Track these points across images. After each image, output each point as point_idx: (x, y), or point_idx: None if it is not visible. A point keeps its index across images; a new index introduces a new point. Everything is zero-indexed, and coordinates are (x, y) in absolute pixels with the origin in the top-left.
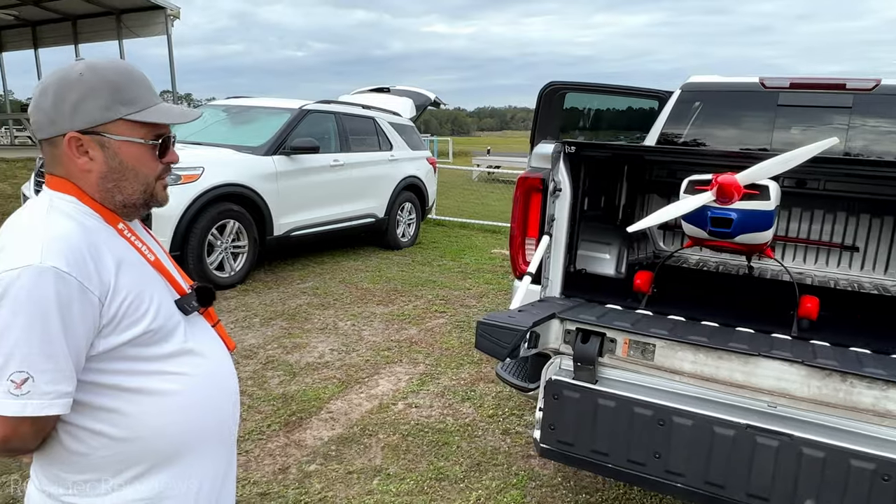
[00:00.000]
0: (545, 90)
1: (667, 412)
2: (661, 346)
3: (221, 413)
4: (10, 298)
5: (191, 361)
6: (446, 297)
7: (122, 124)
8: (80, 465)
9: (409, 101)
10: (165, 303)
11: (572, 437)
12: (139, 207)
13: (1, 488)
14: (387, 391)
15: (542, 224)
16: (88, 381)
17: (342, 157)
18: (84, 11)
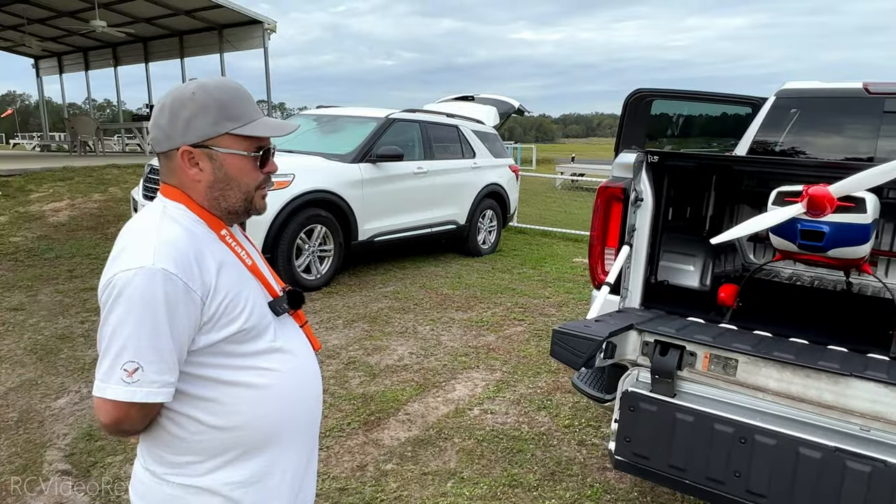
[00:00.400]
0: (631, 97)
1: (749, 430)
2: (745, 361)
3: (306, 407)
4: (125, 297)
5: (280, 358)
6: (525, 305)
7: (227, 138)
8: (180, 448)
9: (493, 110)
10: (259, 304)
11: (648, 451)
12: (241, 214)
13: (107, 468)
14: (463, 396)
15: (623, 234)
16: (189, 372)
17: (426, 165)
18: (189, 27)
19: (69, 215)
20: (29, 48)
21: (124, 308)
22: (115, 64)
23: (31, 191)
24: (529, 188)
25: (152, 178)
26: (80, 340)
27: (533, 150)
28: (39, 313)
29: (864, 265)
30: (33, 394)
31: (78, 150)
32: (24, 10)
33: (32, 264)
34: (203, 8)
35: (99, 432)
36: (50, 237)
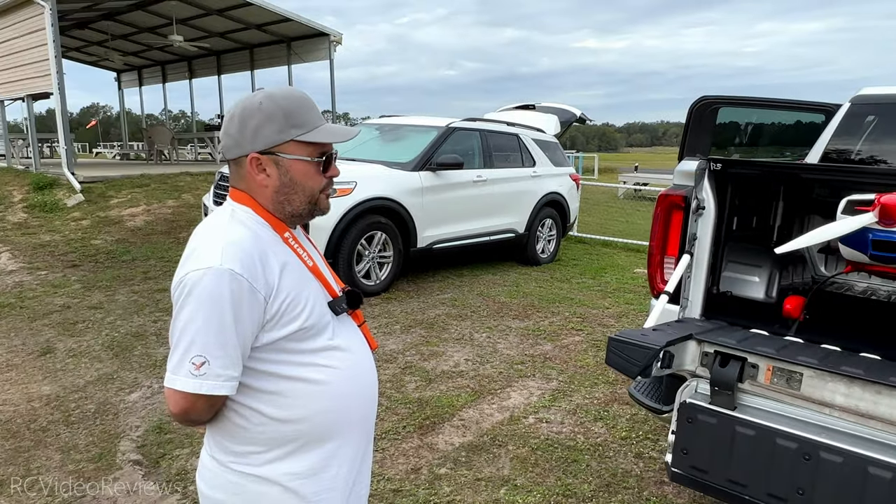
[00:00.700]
0: (696, 105)
1: (814, 446)
2: (810, 375)
3: (362, 403)
4: (195, 295)
5: (338, 356)
6: (584, 314)
7: (292, 145)
8: (243, 438)
9: (554, 118)
10: (318, 304)
11: (706, 464)
12: (304, 216)
13: (175, 460)
14: (518, 404)
15: (683, 243)
16: (252, 367)
17: (485, 173)
18: (260, 41)
19: (145, 220)
20: (112, 62)
21: (194, 306)
22: (190, 77)
23: (111, 197)
24: (591, 198)
25: (222, 185)
26: (153, 339)
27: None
28: (116, 312)
29: None
30: (109, 387)
31: (154, 158)
32: (108, 27)
33: (111, 266)
34: (273, 22)
35: (168, 425)
36: (127, 240)
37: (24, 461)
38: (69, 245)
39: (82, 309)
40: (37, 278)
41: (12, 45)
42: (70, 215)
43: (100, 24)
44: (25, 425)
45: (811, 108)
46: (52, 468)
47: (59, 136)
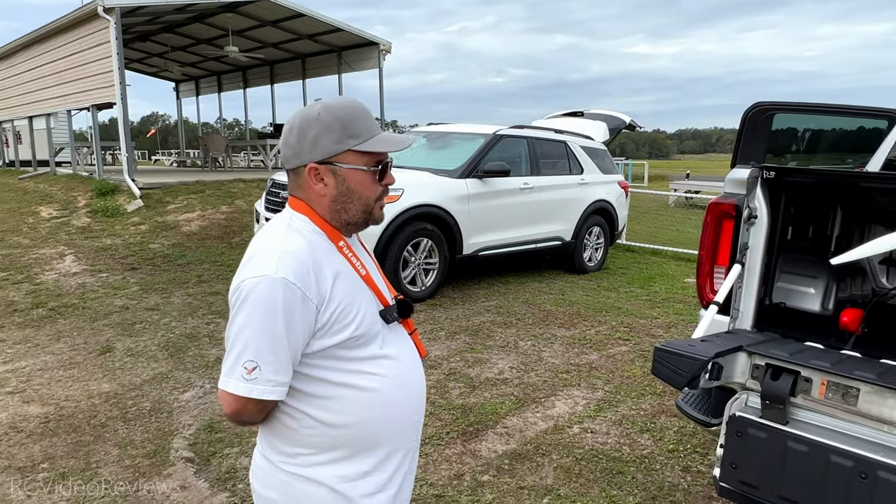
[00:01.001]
0: (750, 111)
1: (871, 465)
2: (867, 391)
3: (410, 411)
4: (250, 302)
5: (388, 364)
6: (631, 324)
7: (349, 154)
8: (293, 440)
9: (603, 125)
10: (370, 312)
11: (756, 480)
12: (360, 225)
13: (225, 458)
14: (563, 413)
15: (734, 252)
16: (304, 372)
17: (532, 181)
18: (311, 51)
19: (199, 225)
20: (171, 73)
21: (248, 312)
22: (245, 86)
23: (168, 202)
24: (640, 205)
25: (274, 192)
26: (206, 340)
27: (645, 167)
28: (171, 314)
29: None
30: (164, 386)
31: (209, 165)
32: (168, 39)
33: (167, 269)
34: (324, 32)
35: (219, 425)
36: (183, 245)
37: (84, 455)
38: (128, 248)
39: (140, 310)
40: (98, 280)
41: (79, 57)
42: (130, 220)
43: (160, 37)
44: (86, 421)
45: (873, 113)
46: (110, 462)
47: (120, 144)
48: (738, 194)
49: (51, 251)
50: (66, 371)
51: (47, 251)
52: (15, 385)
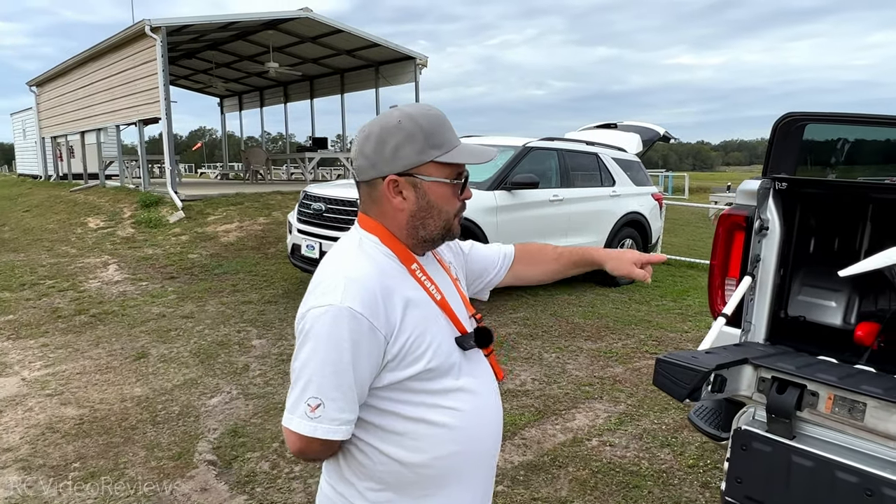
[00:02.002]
0: (780, 122)
1: (877, 481)
2: (874, 405)
3: (487, 446)
4: (314, 333)
5: (464, 397)
6: (660, 338)
7: (431, 166)
8: (362, 473)
9: (636, 137)
10: (445, 342)
11: (761, 494)
12: (437, 242)
13: (246, 463)
14: (583, 426)
15: (745, 264)
16: (375, 406)
17: (562, 192)
18: (349, 66)
19: (237, 236)
20: (215, 89)
21: (312, 344)
22: (286, 101)
23: (209, 214)
24: (679, 217)
25: (306, 203)
26: (236, 348)
27: (685, 179)
28: (205, 321)
29: None
30: (193, 391)
31: (250, 178)
32: (212, 56)
33: (204, 278)
34: (362, 47)
35: (243, 429)
36: (220, 255)
37: (113, 456)
38: (168, 258)
39: (175, 318)
40: (138, 288)
41: (128, 74)
42: (171, 231)
43: (205, 54)
44: (117, 423)
45: None
46: (137, 463)
47: (164, 157)
48: (750, 206)
49: (95, 260)
50: (103, 375)
51: (92, 260)
52: (54, 388)
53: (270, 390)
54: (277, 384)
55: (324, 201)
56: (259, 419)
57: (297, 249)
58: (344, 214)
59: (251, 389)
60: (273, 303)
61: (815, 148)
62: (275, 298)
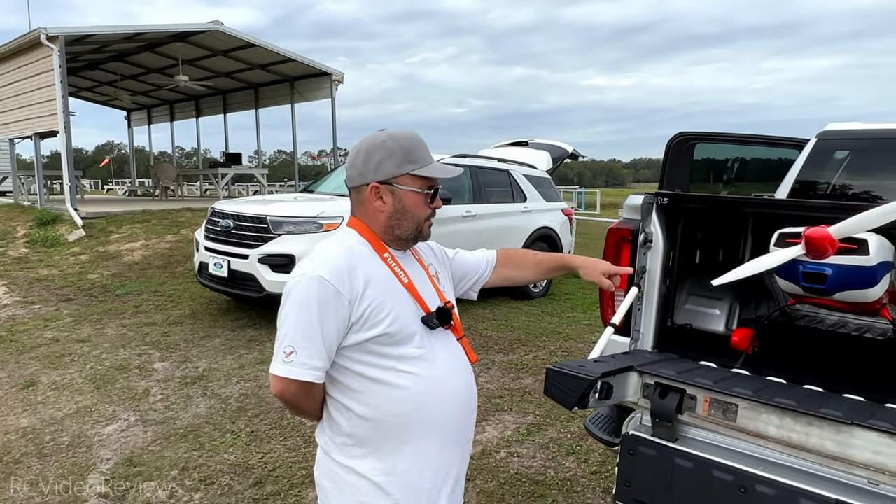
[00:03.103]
0: (672, 141)
1: (749, 479)
2: (745, 406)
3: (444, 413)
4: (291, 296)
5: (422, 365)
6: (570, 348)
7: (407, 178)
8: (338, 430)
9: (546, 154)
10: (404, 314)
11: (648, 497)
12: (410, 241)
13: (140, 493)
14: (492, 438)
15: (632, 275)
16: (345, 366)
17: (475, 208)
18: (264, 80)
19: (142, 255)
20: (121, 102)
21: (289, 305)
22: (197, 115)
23: (112, 232)
24: (591, 232)
25: (213, 220)
26: (136, 372)
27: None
28: (103, 345)
29: (882, 310)
30: (86, 420)
31: (160, 194)
32: (118, 68)
33: (104, 300)
34: (277, 62)
35: (140, 458)
36: (123, 275)
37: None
38: (65, 279)
39: (70, 342)
40: (30, 312)
41: (22, 85)
42: (70, 250)
43: (110, 65)
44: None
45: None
46: (18, 501)
47: (63, 173)
48: (636, 220)
49: None
50: None
51: None
52: None
53: (172, 415)
54: (180, 408)
55: (232, 218)
56: (158, 446)
57: (205, 268)
58: (253, 231)
59: (151, 415)
60: (179, 324)
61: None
62: (181, 319)
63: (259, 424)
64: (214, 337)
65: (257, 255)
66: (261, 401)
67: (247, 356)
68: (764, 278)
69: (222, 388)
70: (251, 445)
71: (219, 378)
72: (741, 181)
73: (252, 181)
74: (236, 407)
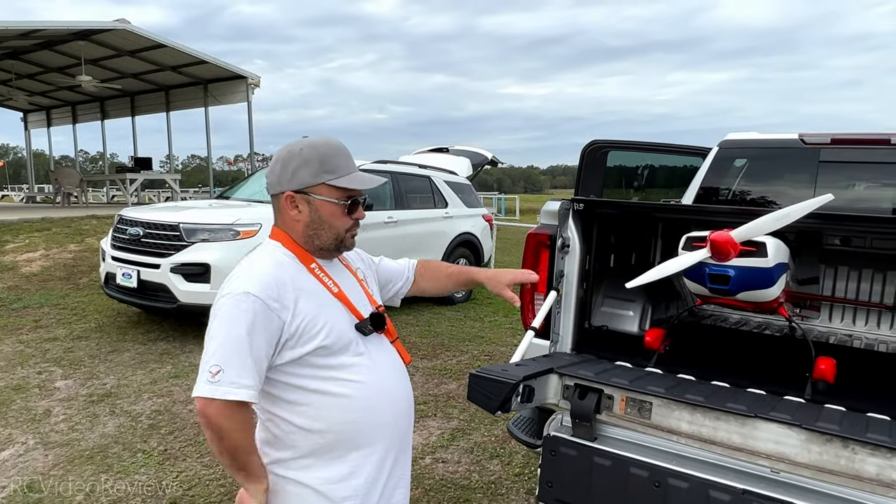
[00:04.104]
0: (587, 149)
1: (662, 473)
2: (658, 404)
3: (388, 415)
4: (219, 316)
5: (361, 370)
6: (492, 352)
7: (324, 187)
8: (278, 444)
9: (466, 161)
10: (339, 324)
11: (570, 496)
12: (332, 251)
13: None
14: (416, 444)
15: (550, 279)
16: (282, 381)
17: (396, 214)
18: (175, 82)
19: (42, 266)
20: (16, 102)
21: (216, 323)
22: (103, 117)
23: (7, 241)
24: (511, 237)
25: (121, 229)
26: (35, 391)
27: (516, 201)
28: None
29: (779, 308)
30: None
31: (62, 201)
32: (12, 66)
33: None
34: (189, 64)
35: (38, 484)
36: (20, 287)
37: None
38: None
39: None
40: None
41: None
42: None
43: (3, 63)
44: None
45: (691, 151)
46: None
47: None
48: (554, 225)
49: None
50: None
51: None
52: None
53: (76, 436)
54: (85, 429)
55: (142, 225)
56: (61, 470)
57: (112, 278)
58: (165, 240)
59: (52, 437)
60: (84, 338)
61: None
62: (86, 333)
63: (173, 442)
64: (123, 351)
65: (170, 264)
66: (174, 417)
67: (159, 370)
68: (673, 280)
69: (132, 405)
70: (165, 465)
71: (128, 394)
72: (651, 187)
73: (164, 187)
74: (148, 424)
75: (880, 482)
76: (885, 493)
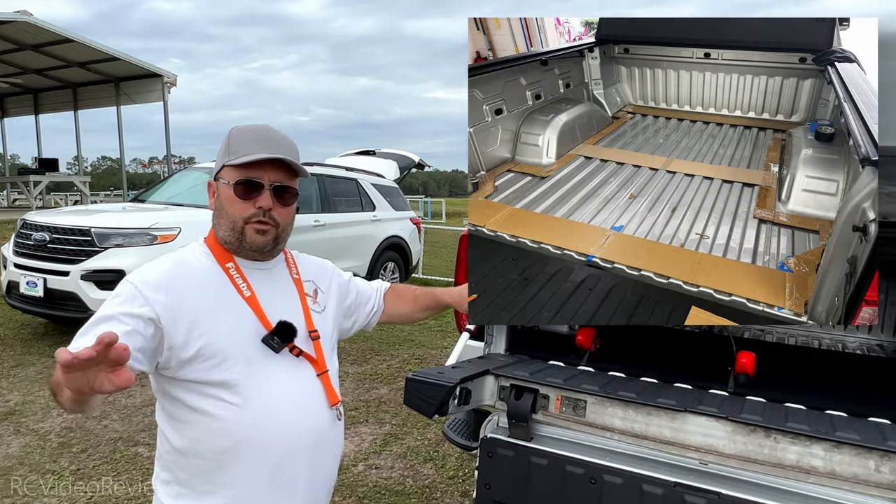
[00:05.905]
0: None
1: (597, 470)
2: (592, 402)
3: (272, 455)
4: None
5: (245, 394)
6: (423, 356)
7: (226, 170)
8: (161, 465)
9: (394, 164)
10: (227, 333)
11: (508, 497)
12: (234, 244)
13: None
14: (348, 452)
15: None
16: (170, 392)
17: (323, 218)
18: (84, 80)
19: None
20: None
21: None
22: (2, 115)
23: None
24: (438, 241)
25: (24, 234)
26: None
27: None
28: None
29: None
30: None
31: None
32: None
33: None
34: (99, 60)
35: None
36: None
37: None
38: None
39: None
40: None
41: None
42: None
43: None
44: None
45: None
46: None
47: None
48: None
49: None
50: None
51: None
52: None
53: None
54: None
55: (48, 230)
56: None
57: (15, 287)
58: (75, 245)
59: None
60: None
61: None
62: None
63: (86, 461)
64: (29, 365)
65: (80, 271)
66: (87, 433)
67: None
68: None
69: (39, 422)
70: (77, 485)
71: (35, 412)
72: None
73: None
74: (58, 443)
75: (800, 468)
76: (805, 478)
